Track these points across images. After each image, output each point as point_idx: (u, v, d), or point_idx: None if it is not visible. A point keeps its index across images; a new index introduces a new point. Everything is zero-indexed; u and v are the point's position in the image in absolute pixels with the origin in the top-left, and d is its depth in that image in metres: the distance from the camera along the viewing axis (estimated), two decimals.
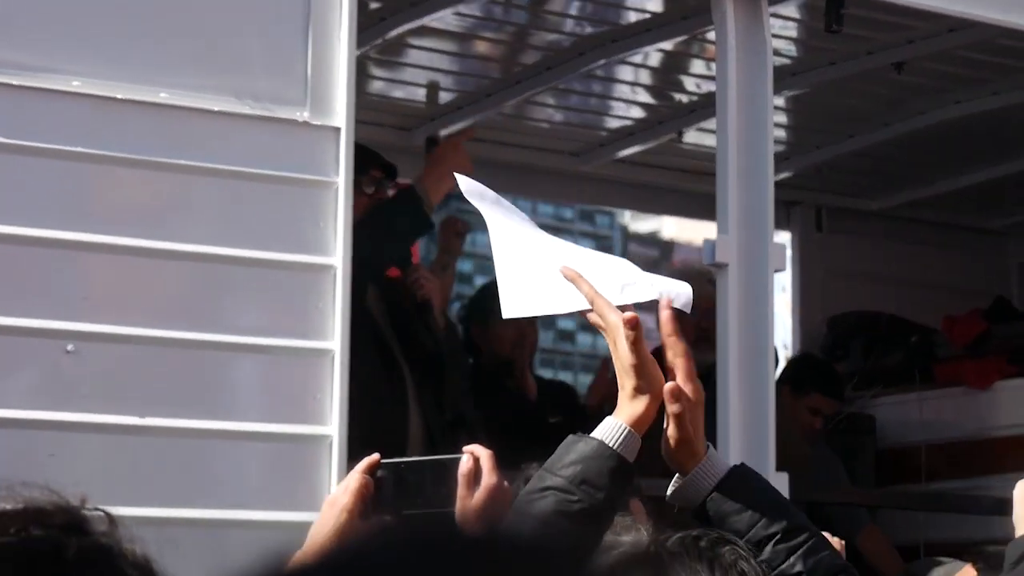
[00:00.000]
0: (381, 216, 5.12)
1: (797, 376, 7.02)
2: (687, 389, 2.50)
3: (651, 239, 27.99)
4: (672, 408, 2.51)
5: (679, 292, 2.44)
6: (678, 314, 2.49)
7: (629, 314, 2.49)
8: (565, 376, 24.23)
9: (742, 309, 4.42)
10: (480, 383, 6.14)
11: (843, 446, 7.06)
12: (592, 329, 2.60)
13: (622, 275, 2.54)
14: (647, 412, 2.51)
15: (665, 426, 2.55)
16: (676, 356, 2.52)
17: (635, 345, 2.47)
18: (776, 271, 4.75)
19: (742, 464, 2.71)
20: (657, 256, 26.82)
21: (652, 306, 2.56)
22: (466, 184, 2.77)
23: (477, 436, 5.28)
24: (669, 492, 2.60)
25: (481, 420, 5.33)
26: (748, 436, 4.57)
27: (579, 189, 7.41)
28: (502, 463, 4.90)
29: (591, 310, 2.56)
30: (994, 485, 6.96)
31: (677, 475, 2.59)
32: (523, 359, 6.45)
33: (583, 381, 17.94)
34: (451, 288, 6.22)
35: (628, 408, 2.51)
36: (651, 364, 2.50)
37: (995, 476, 6.93)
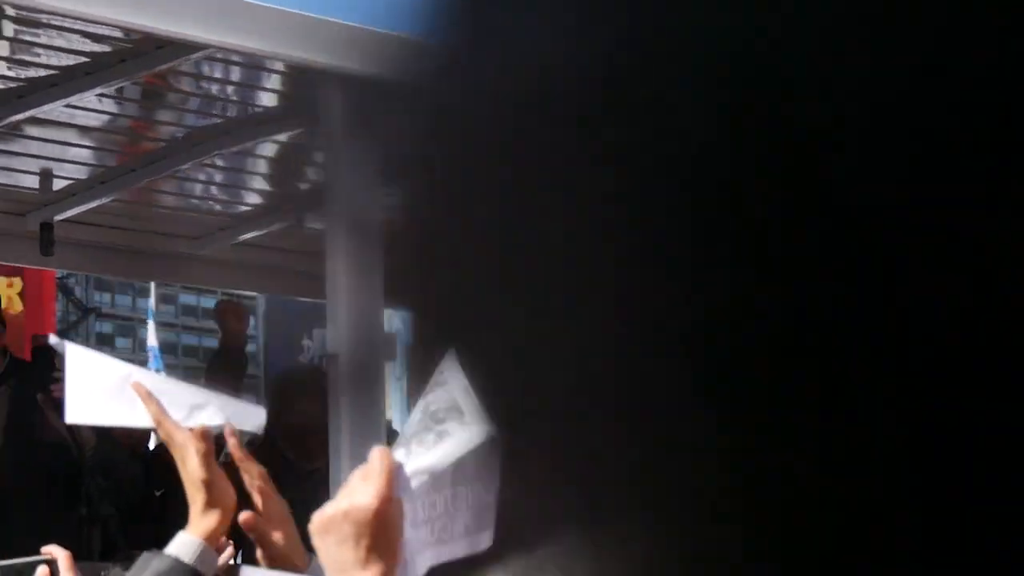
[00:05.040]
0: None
1: None
2: (271, 508, 2.58)
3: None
4: (252, 536, 2.59)
5: (250, 416, 2.52)
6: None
7: (200, 427, 2.56)
8: None
9: (352, 399, 4.54)
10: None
11: None
12: None
13: (193, 398, 2.61)
14: (219, 526, 2.59)
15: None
16: (253, 479, 2.60)
17: (206, 459, 2.55)
18: (387, 360, 4.86)
19: None
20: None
21: None
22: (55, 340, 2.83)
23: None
24: None
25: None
26: None
27: (197, 272, 7.43)
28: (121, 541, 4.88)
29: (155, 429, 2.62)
30: None
31: None
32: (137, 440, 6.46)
33: None
34: None
35: (201, 523, 2.58)
36: (221, 478, 2.58)
37: None
